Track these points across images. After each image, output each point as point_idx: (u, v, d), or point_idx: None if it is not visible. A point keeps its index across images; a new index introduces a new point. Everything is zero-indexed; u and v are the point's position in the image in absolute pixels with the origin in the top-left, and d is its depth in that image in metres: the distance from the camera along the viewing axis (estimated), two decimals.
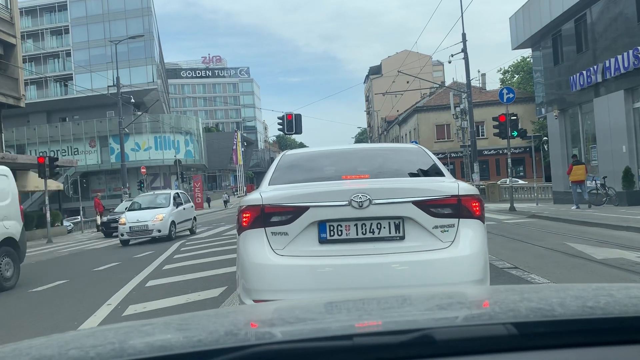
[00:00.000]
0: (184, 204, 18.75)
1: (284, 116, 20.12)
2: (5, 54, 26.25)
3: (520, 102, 40.01)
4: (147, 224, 16.56)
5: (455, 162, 44.63)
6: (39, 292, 8.41)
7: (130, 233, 16.59)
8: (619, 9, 17.48)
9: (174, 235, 17.08)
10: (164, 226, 16.69)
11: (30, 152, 50.25)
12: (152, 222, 16.57)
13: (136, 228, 16.54)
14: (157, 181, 56.03)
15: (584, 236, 10.17)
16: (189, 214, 19.13)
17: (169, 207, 17.35)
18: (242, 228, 3.59)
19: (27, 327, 5.93)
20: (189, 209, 19.24)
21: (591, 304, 1.06)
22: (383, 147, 5.53)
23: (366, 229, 3.44)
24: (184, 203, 18.84)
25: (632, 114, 17.34)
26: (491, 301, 1.27)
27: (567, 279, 6.23)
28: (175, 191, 19.72)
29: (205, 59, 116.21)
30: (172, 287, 7.56)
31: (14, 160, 23.91)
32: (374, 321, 1.13)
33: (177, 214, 17.68)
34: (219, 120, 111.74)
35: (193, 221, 19.58)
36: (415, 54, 52.21)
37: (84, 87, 46.24)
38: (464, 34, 25.71)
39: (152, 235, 16.56)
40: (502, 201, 26.95)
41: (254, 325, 1.16)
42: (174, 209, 17.55)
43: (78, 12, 59.90)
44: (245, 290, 3.56)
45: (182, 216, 18.24)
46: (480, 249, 3.51)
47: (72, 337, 1.10)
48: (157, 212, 17.00)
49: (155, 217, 16.72)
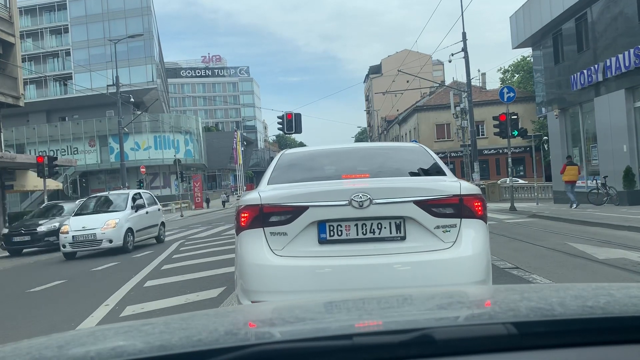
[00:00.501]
0: (148, 207, 15.52)
1: (284, 115, 20.12)
2: (5, 53, 26.23)
3: (520, 102, 40.02)
4: (95, 232, 13.38)
5: (455, 162, 44.61)
6: (36, 292, 8.40)
7: (73, 244, 13.37)
8: (619, 8, 17.47)
9: (130, 246, 13.91)
10: (116, 235, 13.45)
11: (29, 151, 50.25)
12: (102, 230, 13.38)
13: (81, 237, 13.36)
14: (156, 181, 56.07)
15: (585, 236, 10.16)
16: (154, 219, 15.88)
17: (125, 211, 14.19)
18: (241, 228, 3.56)
19: (24, 327, 5.92)
20: (154, 212, 15.96)
21: (591, 303, 1.06)
22: (383, 146, 5.52)
23: (367, 229, 3.41)
24: (148, 205, 15.60)
25: (633, 113, 17.33)
26: (491, 301, 1.27)
27: (569, 280, 6.22)
28: (136, 191, 16.48)
29: (205, 59, 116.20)
30: (171, 287, 7.55)
31: (13, 160, 23.89)
32: (374, 321, 1.13)
33: (136, 219, 14.49)
34: (218, 120, 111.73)
35: (160, 228, 16.37)
36: (415, 54, 52.19)
37: (83, 86, 46.24)
38: (464, 33, 25.70)
39: (102, 246, 13.47)
40: (502, 201, 26.95)
41: (254, 324, 1.16)
42: (131, 213, 14.36)
43: (77, 11, 59.86)
44: (244, 291, 3.54)
45: (144, 222, 15.02)
46: (482, 249, 3.48)
47: (72, 336, 1.09)
48: (108, 217, 13.80)
49: (105, 224, 13.51)
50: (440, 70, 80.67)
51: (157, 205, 16.60)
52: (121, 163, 32.56)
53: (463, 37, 25.73)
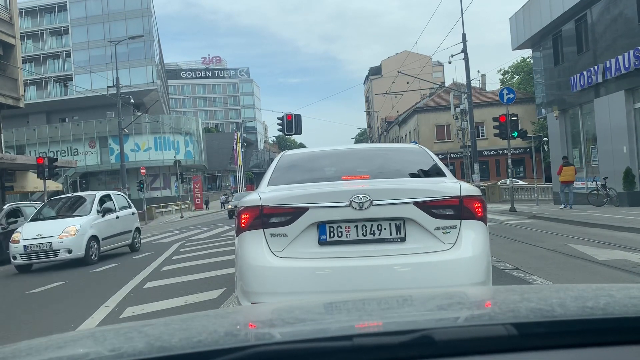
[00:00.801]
0: (119, 211, 13.51)
1: (284, 117, 20.12)
2: (5, 54, 26.25)
3: (520, 103, 39.99)
4: (52, 240, 11.41)
5: (455, 163, 44.61)
6: (36, 293, 8.39)
7: (25, 255, 11.45)
8: (619, 9, 17.49)
9: (94, 257, 11.94)
10: (76, 244, 11.51)
11: (29, 152, 50.25)
12: (59, 239, 11.43)
13: (34, 247, 11.39)
14: (156, 182, 56.08)
15: (585, 237, 10.16)
16: (126, 225, 13.82)
17: (88, 216, 12.23)
18: (241, 229, 3.56)
19: (23, 329, 5.91)
20: (126, 217, 13.88)
21: (591, 304, 1.06)
22: (383, 147, 5.52)
23: (367, 230, 3.41)
24: (118, 210, 13.51)
25: (632, 115, 17.34)
26: (491, 302, 1.27)
27: (569, 281, 6.22)
28: (106, 192, 14.23)
29: (205, 60, 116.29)
30: (171, 288, 7.54)
31: (13, 161, 23.90)
32: (374, 322, 1.13)
33: (103, 225, 12.49)
34: (218, 121, 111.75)
35: (135, 234, 14.31)
36: (415, 55, 52.20)
37: (83, 87, 46.26)
38: (464, 34, 25.71)
39: (59, 257, 11.45)
40: (502, 202, 26.95)
41: (254, 326, 1.16)
42: (97, 218, 12.38)
43: (78, 12, 59.90)
44: (244, 292, 3.53)
45: (113, 228, 13.03)
46: (482, 250, 3.48)
47: (72, 337, 1.09)
48: (68, 223, 11.88)
49: (64, 231, 11.57)
50: (440, 71, 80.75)
51: (131, 209, 14.60)
52: (121, 164, 32.57)
53: (463, 38, 25.75)
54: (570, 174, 18.19)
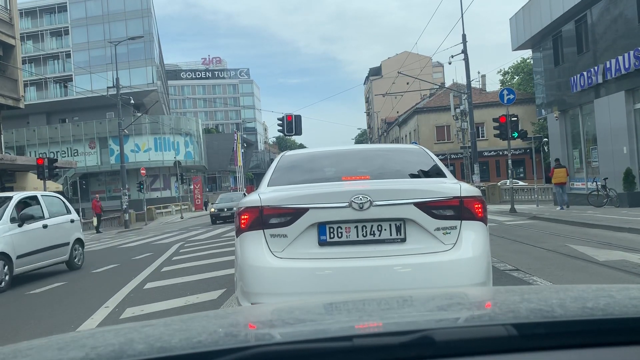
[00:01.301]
0: (49, 218, 10.32)
1: (284, 117, 20.12)
2: (5, 55, 26.26)
3: (520, 104, 39.99)
4: None
5: (455, 164, 44.61)
6: (36, 294, 8.38)
7: None
8: (619, 10, 17.49)
9: (2, 283, 8.78)
10: None
11: (29, 153, 50.25)
12: None
13: None
14: (156, 182, 56.07)
15: (585, 238, 10.16)
16: (58, 236, 10.52)
17: None
18: (241, 230, 3.56)
19: (23, 329, 5.90)
20: (60, 226, 10.67)
21: (591, 305, 1.06)
22: (383, 148, 5.51)
23: (367, 231, 3.41)
24: (50, 216, 10.41)
25: (632, 115, 17.35)
26: (491, 302, 1.27)
27: (569, 281, 6.22)
28: (30, 194, 10.83)
29: (205, 60, 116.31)
30: (171, 289, 7.54)
31: (13, 162, 23.91)
32: (374, 322, 1.13)
33: (19, 237, 9.38)
34: (218, 122, 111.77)
35: (75, 248, 11.13)
36: (415, 55, 52.23)
37: (83, 88, 46.27)
38: (464, 35, 25.71)
39: None
40: (502, 202, 26.94)
41: (254, 326, 1.16)
42: (11, 228, 9.26)
43: (78, 13, 59.92)
44: (244, 293, 3.53)
45: (37, 241, 9.83)
46: (482, 251, 3.48)
47: (72, 338, 1.09)
48: None
49: None
50: (440, 72, 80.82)
51: (70, 215, 11.22)
52: (121, 165, 32.57)
53: (463, 39, 25.75)
54: (562, 175, 18.46)
